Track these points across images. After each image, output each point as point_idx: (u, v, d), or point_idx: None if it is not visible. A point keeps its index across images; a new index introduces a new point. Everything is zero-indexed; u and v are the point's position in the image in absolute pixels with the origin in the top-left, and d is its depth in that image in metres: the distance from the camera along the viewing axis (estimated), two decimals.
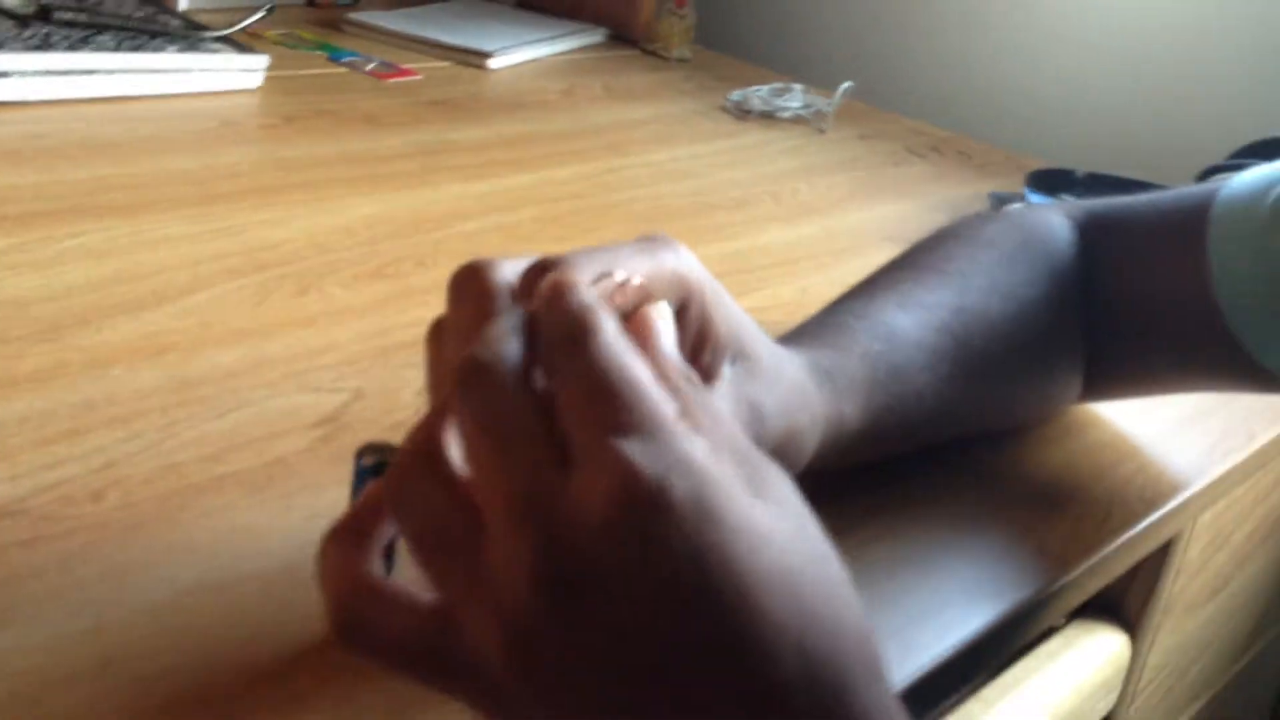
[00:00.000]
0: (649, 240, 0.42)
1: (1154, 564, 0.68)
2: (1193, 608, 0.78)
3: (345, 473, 0.52)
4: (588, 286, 0.35)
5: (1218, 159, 1.00)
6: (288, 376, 0.58)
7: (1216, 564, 0.78)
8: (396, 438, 0.45)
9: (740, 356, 0.45)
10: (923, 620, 0.50)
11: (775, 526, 0.33)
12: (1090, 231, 0.64)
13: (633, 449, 0.31)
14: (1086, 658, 0.68)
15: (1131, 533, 0.59)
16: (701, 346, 0.44)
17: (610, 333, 0.34)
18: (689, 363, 0.42)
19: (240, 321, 0.62)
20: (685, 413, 0.33)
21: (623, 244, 0.41)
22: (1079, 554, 0.56)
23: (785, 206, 0.95)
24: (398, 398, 0.58)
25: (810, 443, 0.49)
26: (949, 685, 0.50)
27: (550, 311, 0.34)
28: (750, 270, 0.82)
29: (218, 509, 0.48)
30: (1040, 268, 0.62)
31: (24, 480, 0.47)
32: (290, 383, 0.58)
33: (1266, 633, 1.01)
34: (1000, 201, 0.96)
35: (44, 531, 0.45)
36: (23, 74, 0.84)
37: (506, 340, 0.34)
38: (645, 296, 0.38)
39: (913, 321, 0.57)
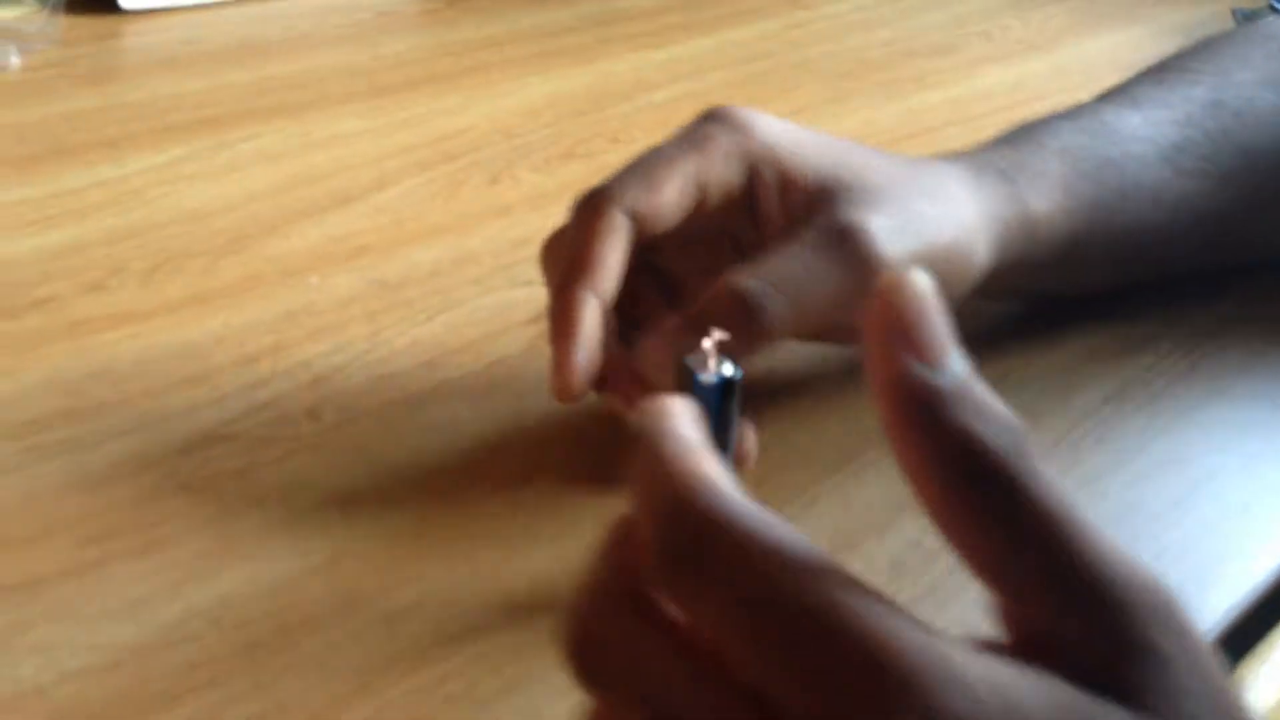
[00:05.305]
0: (693, 127, 0.38)
1: None
2: None
3: None
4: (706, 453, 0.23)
5: None
6: (494, 271, 0.52)
7: None
8: None
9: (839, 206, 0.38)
10: None
11: None
12: None
13: None
14: None
15: None
16: (785, 211, 0.38)
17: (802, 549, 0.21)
18: (778, 234, 0.37)
19: (434, 216, 0.57)
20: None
21: (666, 143, 0.37)
22: None
23: (999, 45, 0.85)
24: None
25: (968, 260, 0.40)
26: None
27: (651, 497, 0.22)
28: (970, 119, 0.73)
29: (443, 421, 0.43)
30: None
31: (231, 402, 0.43)
32: (498, 278, 0.52)
33: None
34: (1247, 18, 0.85)
35: (259, 457, 0.40)
36: None
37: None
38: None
39: (1142, 117, 0.48)
